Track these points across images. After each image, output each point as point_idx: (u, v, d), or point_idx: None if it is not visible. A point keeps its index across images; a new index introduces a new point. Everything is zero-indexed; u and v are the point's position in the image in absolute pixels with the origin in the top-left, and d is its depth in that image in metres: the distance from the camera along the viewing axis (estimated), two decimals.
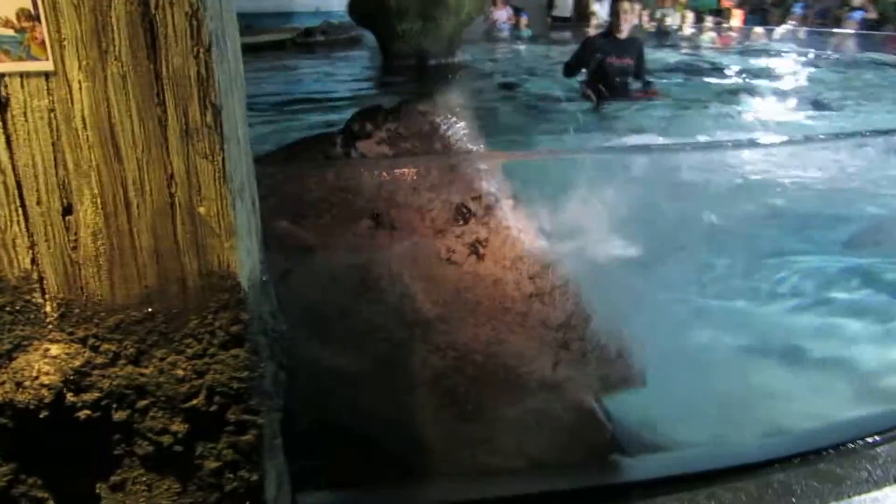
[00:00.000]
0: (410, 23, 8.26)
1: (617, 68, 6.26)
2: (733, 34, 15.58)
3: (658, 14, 16.55)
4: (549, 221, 2.08)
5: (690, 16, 16.54)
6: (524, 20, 15.55)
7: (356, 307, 1.89)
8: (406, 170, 1.95)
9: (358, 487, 2.01)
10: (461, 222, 1.98)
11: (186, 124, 1.27)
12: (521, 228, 2.00)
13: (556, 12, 17.06)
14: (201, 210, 1.31)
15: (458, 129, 2.09)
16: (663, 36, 14.93)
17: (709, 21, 16.54)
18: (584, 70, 6.48)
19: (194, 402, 1.40)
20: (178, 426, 1.42)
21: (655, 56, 9.90)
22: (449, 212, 1.99)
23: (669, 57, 10.72)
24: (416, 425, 1.94)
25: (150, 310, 1.35)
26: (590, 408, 2.04)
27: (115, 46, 1.21)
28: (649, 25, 15.36)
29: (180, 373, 1.38)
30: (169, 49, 1.23)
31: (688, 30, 15.84)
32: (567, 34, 14.28)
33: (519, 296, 1.95)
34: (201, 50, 1.24)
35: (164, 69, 1.23)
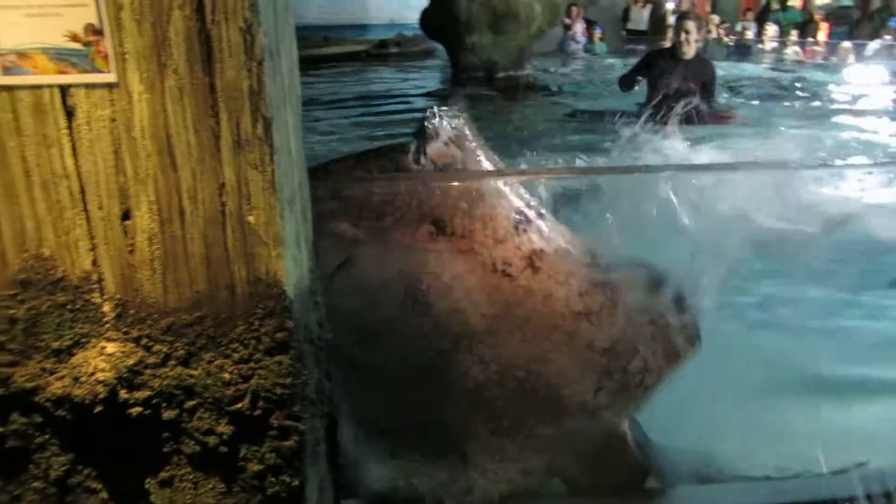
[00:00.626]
0: (480, 35, 8.30)
1: (677, 91, 5.33)
2: (819, 49, 14.94)
3: (738, 27, 16.07)
4: (596, 238, 2.04)
5: (773, 29, 15.97)
6: (598, 33, 15.40)
7: (405, 313, 1.89)
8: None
9: (400, 500, 2.01)
10: (520, 232, 1.95)
11: (238, 135, 1.31)
12: (571, 242, 1.97)
13: (631, 25, 16.81)
14: (250, 219, 1.35)
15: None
16: (743, 50, 14.48)
17: (793, 35, 15.93)
18: (640, 83, 5.90)
19: (239, 405, 1.44)
20: (224, 428, 1.46)
21: (732, 73, 9.59)
22: (509, 221, 1.96)
23: (749, 73, 10.31)
24: (450, 436, 1.93)
25: (199, 314, 1.40)
26: (624, 433, 1.98)
27: (172, 60, 1.26)
28: (728, 39, 14.93)
29: (226, 376, 1.42)
30: (223, 63, 1.27)
31: (770, 44, 15.29)
32: (642, 47, 14.05)
33: (568, 313, 1.91)
34: (254, 64, 1.28)
35: (218, 82, 1.28)
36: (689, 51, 5.47)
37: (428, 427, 1.94)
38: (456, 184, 1.95)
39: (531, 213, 1.98)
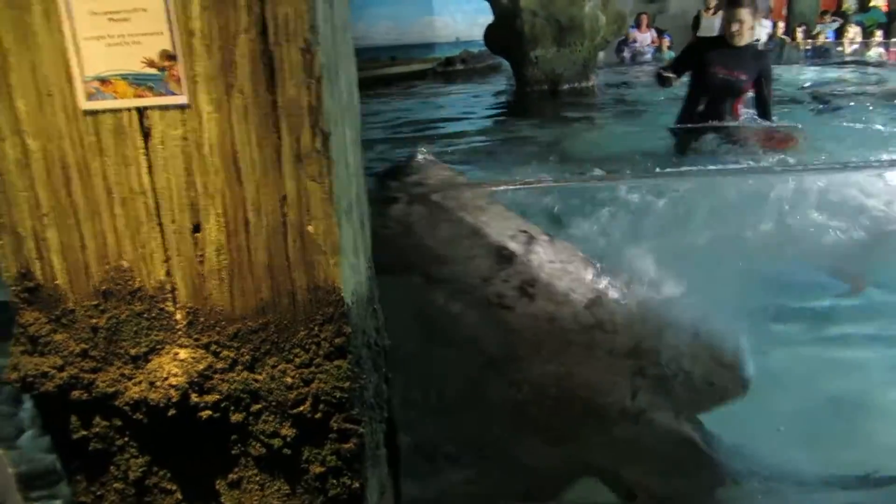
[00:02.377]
0: (544, 49, 8.31)
1: (723, 82, 4.60)
2: None
3: (816, 29, 15.47)
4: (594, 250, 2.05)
5: (854, 30, 15.27)
6: (667, 42, 15.11)
7: (428, 350, 1.95)
8: (444, 223, 2.00)
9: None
10: (505, 266, 2.00)
11: (299, 150, 1.37)
12: (564, 261, 1.99)
13: (701, 33, 16.42)
14: (310, 229, 1.41)
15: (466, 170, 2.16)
16: (821, 53, 13.91)
17: (878, 35, 15.17)
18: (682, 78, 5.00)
19: (301, 408, 1.49)
20: (287, 430, 1.52)
21: (807, 76, 9.19)
22: (490, 258, 2.02)
23: (822, 77, 9.84)
24: (507, 450, 1.95)
25: (263, 320, 1.46)
26: (687, 436, 1.95)
27: (238, 80, 1.34)
28: (804, 42, 14.39)
29: (289, 380, 1.48)
30: (284, 81, 1.34)
31: (850, 46, 14.61)
32: None
33: (578, 328, 1.93)
34: (313, 81, 1.34)
35: (279, 99, 1.35)
36: (741, 39, 4.55)
37: (482, 446, 1.98)
38: (428, 235, 2.02)
39: (516, 246, 2.02)
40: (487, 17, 9.03)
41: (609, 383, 1.93)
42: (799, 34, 14.22)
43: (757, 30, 4.92)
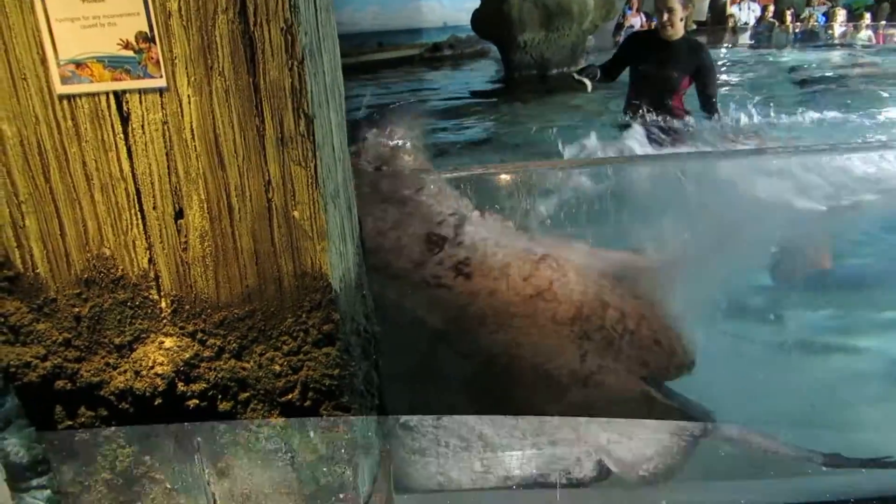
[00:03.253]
0: (532, 33, 8.26)
1: (654, 79, 4.22)
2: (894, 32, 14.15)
3: (805, 13, 15.46)
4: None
5: (842, 14, 15.25)
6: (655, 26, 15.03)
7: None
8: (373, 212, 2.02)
9: (454, 490, 2.02)
10: (436, 251, 2.02)
11: (282, 133, 1.35)
12: (497, 236, 2.01)
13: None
14: (295, 214, 1.38)
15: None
16: (810, 37, 13.90)
17: (866, 18, 15.16)
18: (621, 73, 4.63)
19: (290, 396, 1.48)
20: (276, 419, 1.50)
21: (794, 59, 9.17)
22: (420, 245, 2.04)
23: (809, 61, 9.80)
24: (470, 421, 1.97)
25: (250, 308, 1.44)
26: (641, 395, 1.97)
27: (219, 62, 1.31)
28: (793, 25, 14.38)
29: (277, 368, 1.46)
30: (266, 63, 1.31)
31: (839, 29, 14.59)
32: (702, 39, 13.67)
33: (519, 300, 1.95)
34: (295, 63, 1.31)
35: (261, 82, 1.32)
36: (673, 31, 4.12)
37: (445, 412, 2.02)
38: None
39: (447, 231, 2.05)
40: (475, 2, 8.96)
41: (556, 349, 1.95)
42: (788, 17, 14.19)
43: (688, 19, 4.30)
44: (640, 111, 4.22)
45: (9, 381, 1.54)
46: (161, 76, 1.33)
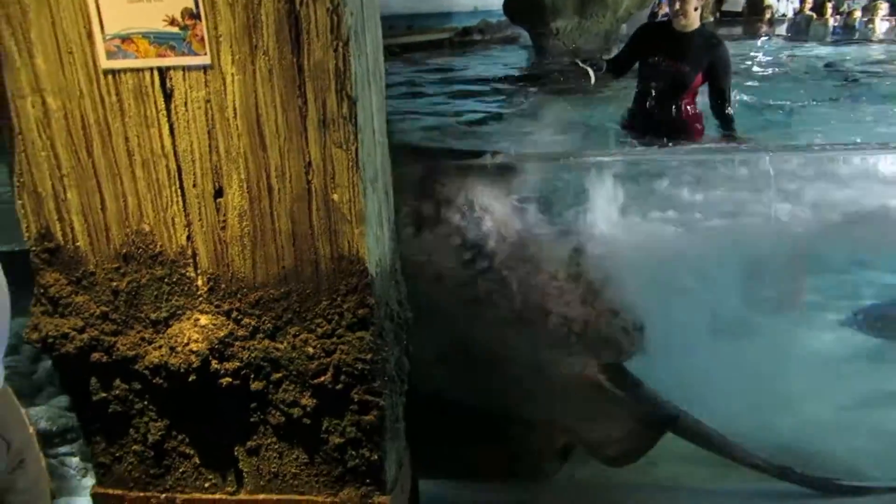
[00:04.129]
0: (566, 20, 8.15)
1: (664, 74, 3.81)
2: None
3: (844, 6, 15.06)
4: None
5: (884, 7, 14.82)
6: None
7: None
8: None
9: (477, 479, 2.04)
10: None
11: (324, 115, 1.33)
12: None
13: (726, 6, 16.04)
14: (335, 197, 1.38)
15: None
16: (848, 31, 13.55)
17: None
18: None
19: (322, 378, 1.48)
20: (307, 400, 1.50)
21: (826, 53, 8.89)
22: None
23: (843, 58, 9.48)
24: None
25: (286, 289, 1.44)
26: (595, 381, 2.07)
27: (263, 41, 1.30)
28: (832, 19, 14.03)
29: (310, 350, 1.46)
30: (311, 43, 1.30)
31: (881, 24, 14.16)
32: (737, 30, 13.39)
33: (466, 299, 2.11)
34: (340, 44, 1.29)
35: (305, 62, 1.31)
36: (686, 21, 3.73)
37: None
38: None
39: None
40: None
41: (509, 339, 2.02)
42: (828, 9, 13.83)
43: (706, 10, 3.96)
44: (649, 115, 3.87)
45: (44, 352, 1.57)
46: (205, 54, 1.32)
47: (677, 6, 3.69)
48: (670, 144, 3.55)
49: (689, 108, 3.87)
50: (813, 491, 2.44)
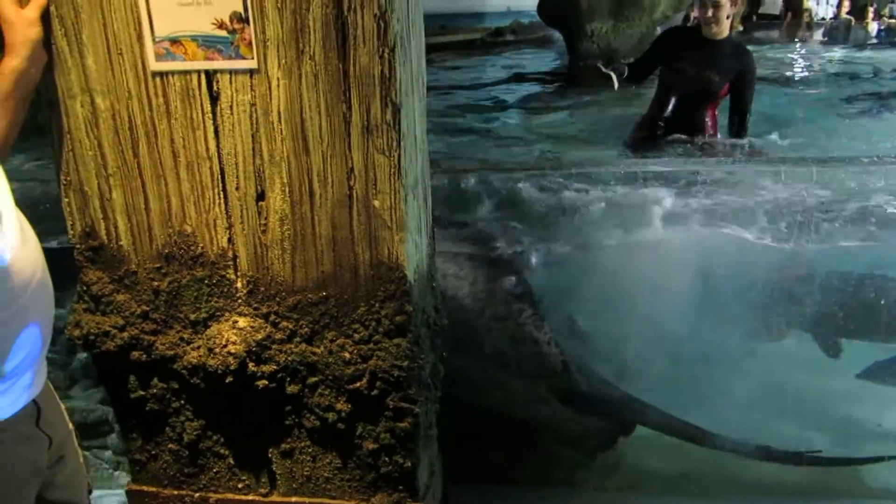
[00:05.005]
0: (601, 22, 8.08)
1: (692, 82, 3.63)
2: None
3: (887, 10, 14.72)
4: None
5: None
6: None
7: None
8: None
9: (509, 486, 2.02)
10: None
11: (368, 121, 1.33)
12: None
13: (764, 9, 15.79)
14: (376, 203, 1.37)
15: None
16: (891, 34, 13.24)
17: None
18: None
19: (358, 384, 1.47)
20: (343, 405, 1.50)
21: (866, 58, 8.64)
22: None
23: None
24: None
25: (324, 294, 1.44)
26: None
27: (310, 47, 1.30)
28: (874, 23, 13.72)
29: (347, 355, 1.46)
30: (357, 49, 1.29)
31: None
32: (774, 34, 13.16)
33: None
34: (386, 50, 1.29)
35: (351, 68, 1.30)
36: (718, 29, 3.56)
37: None
38: None
39: None
40: None
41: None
42: (869, 13, 13.51)
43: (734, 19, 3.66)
44: (669, 124, 3.71)
45: (86, 349, 1.58)
46: (252, 58, 1.33)
47: (710, 13, 3.53)
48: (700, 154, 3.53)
49: (710, 118, 3.75)
50: (795, 466, 2.40)
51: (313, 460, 1.58)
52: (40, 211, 1.72)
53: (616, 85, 4.00)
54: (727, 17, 3.56)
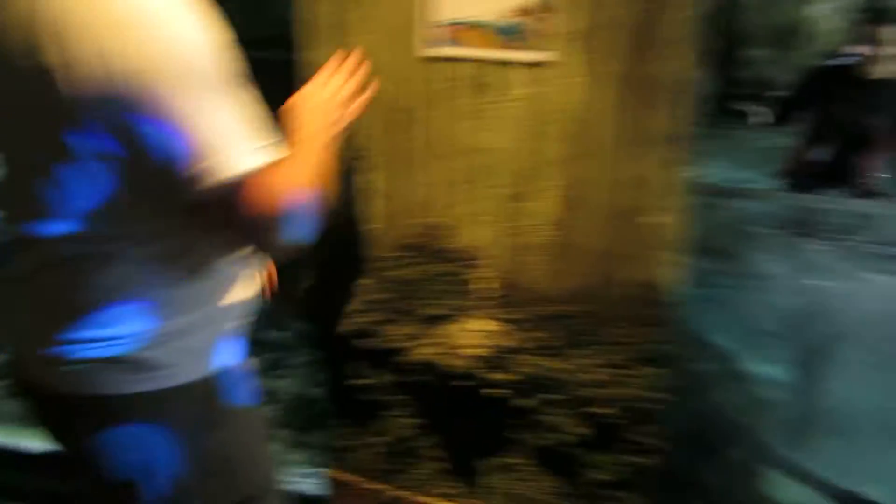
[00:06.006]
0: (758, 50, 7.71)
1: (855, 128, 3.22)
2: None
3: None
4: None
5: None
6: None
7: None
8: None
9: None
10: None
11: (661, 131, 1.23)
12: None
13: None
14: (650, 219, 1.27)
15: None
16: None
17: None
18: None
19: (599, 409, 1.37)
20: (578, 428, 1.40)
21: None
22: None
23: None
24: None
25: (581, 308, 1.35)
26: None
27: (610, 45, 1.21)
28: None
29: (596, 377, 1.36)
30: (663, 53, 1.20)
31: None
32: None
33: None
34: (695, 56, 1.19)
35: (657, 73, 1.21)
36: (888, 67, 3.15)
37: None
38: None
39: None
40: None
41: None
42: None
43: None
44: (825, 173, 3.29)
45: (296, 320, 1.56)
46: (543, 50, 1.26)
47: (881, 51, 3.08)
48: None
49: (872, 171, 3.31)
50: None
51: (536, 481, 1.49)
52: None
53: (750, 120, 3.60)
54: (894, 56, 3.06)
